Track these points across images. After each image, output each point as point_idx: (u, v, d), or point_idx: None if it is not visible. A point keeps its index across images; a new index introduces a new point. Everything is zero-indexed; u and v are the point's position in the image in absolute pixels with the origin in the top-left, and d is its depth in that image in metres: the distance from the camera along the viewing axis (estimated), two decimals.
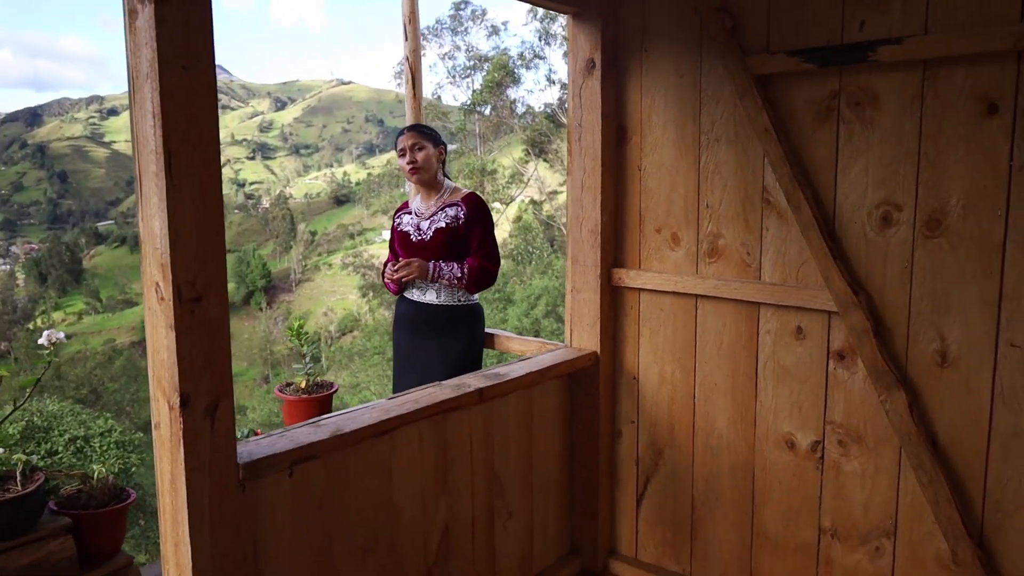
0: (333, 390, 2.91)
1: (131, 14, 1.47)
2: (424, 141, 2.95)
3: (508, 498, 2.53)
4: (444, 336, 2.93)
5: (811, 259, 2.28)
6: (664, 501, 2.73)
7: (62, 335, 2.28)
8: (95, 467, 2.39)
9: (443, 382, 2.30)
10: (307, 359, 2.88)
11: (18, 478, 2.15)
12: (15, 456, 2.19)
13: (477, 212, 2.93)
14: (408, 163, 2.93)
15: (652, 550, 2.79)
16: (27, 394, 2.35)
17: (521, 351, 3.05)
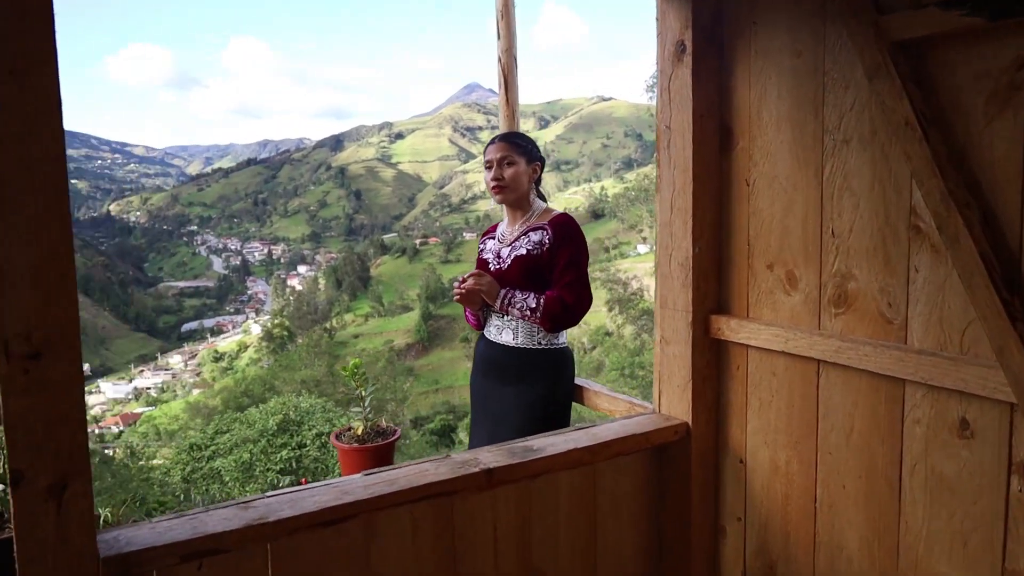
0: (394, 438, 2.57)
1: None
2: (515, 155, 2.52)
3: None
4: (520, 383, 2.46)
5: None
6: None
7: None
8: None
9: (452, 456, 1.85)
10: (366, 403, 2.58)
11: None
12: None
13: (564, 236, 2.43)
14: (492, 179, 2.52)
15: None
16: None
17: (609, 411, 2.48)
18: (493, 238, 2.64)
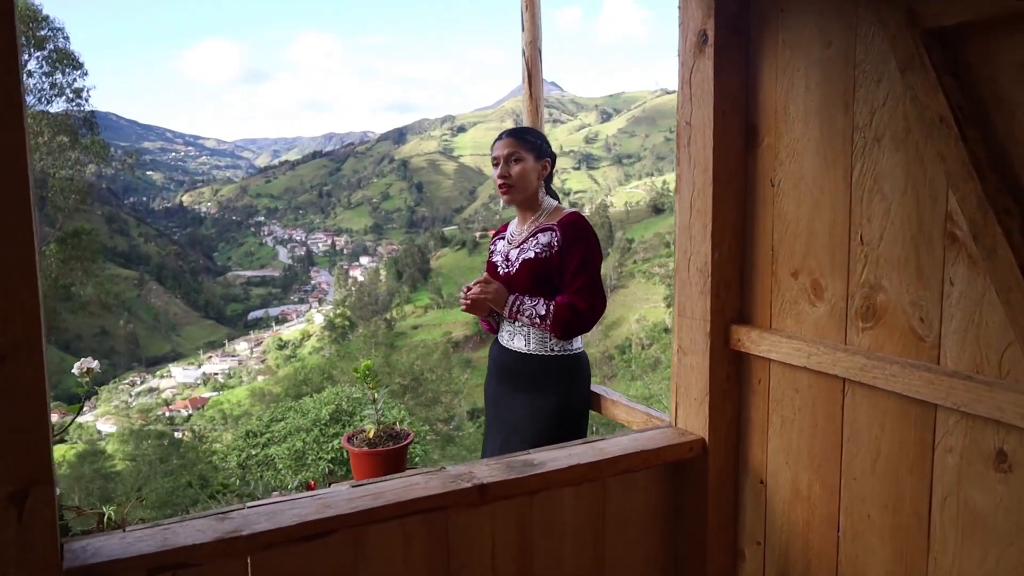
0: (407, 441, 2.51)
1: None
2: (523, 151, 2.41)
3: None
4: (532, 391, 2.36)
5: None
6: None
7: (95, 364, 2.18)
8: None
9: (447, 469, 1.77)
10: (378, 405, 2.52)
11: None
12: None
13: (574, 237, 2.32)
14: (499, 177, 2.42)
15: None
16: (70, 420, 2.31)
17: (626, 421, 2.36)
18: (503, 239, 2.55)
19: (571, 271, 2.29)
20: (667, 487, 2.02)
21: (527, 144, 2.42)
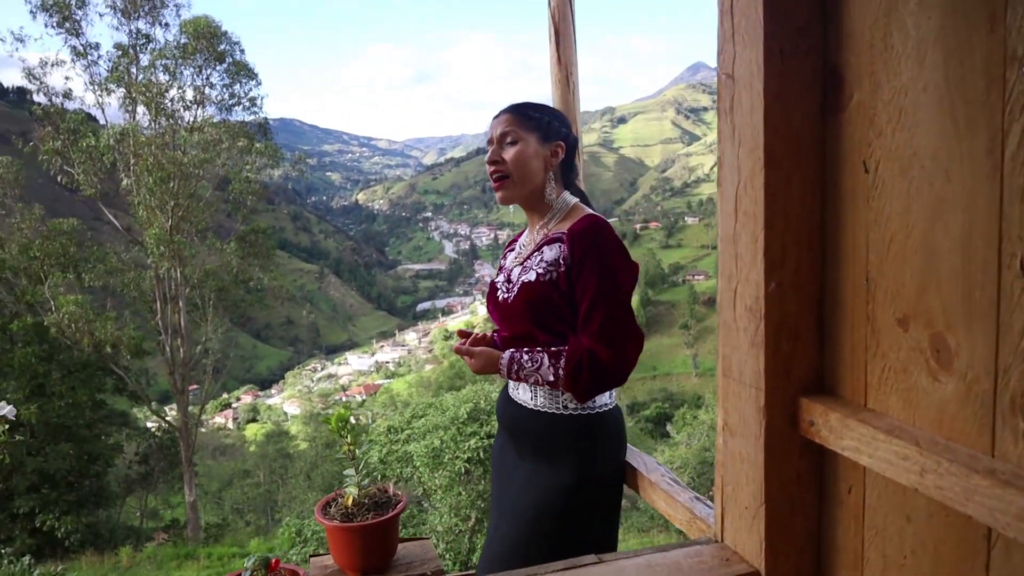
0: (395, 511, 1.96)
1: None
2: (523, 131, 1.76)
3: None
4: (538, 460, 1.72)
5: None
6: None
7: (8, 408, 1.83)
8: None
9: None
10: (360, 465, 1.99)
11: None
12: None
13: (585, 251, 1.63)
14: (489, 163, 1.79)
15: None
16: None
17: (666, 513, 1.65)
18: (513, 251, 1.92)
19: (587, 301, 1.61)
20: None
21: (529, 122, 1.77)
